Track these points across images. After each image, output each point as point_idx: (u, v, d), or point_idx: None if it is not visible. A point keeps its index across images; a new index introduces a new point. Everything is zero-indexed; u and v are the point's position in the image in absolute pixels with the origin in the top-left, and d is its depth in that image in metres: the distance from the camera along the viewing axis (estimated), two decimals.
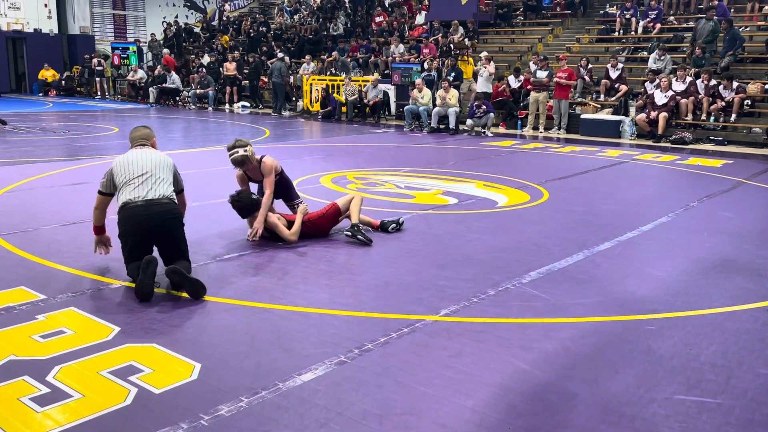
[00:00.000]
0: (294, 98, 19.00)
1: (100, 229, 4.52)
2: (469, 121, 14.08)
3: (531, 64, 15.14)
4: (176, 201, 4.31)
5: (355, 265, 4.82)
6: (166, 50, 22.76)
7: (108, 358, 3.14)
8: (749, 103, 12.85)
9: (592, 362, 3.21)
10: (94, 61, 23.65)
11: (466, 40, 16.14)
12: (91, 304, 3.84)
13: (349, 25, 22.06)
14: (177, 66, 21.59)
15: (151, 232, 4.10)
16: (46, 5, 25.35)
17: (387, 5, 22.69)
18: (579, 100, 14.80)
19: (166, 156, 4.43)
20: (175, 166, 4.45)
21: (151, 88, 20.87)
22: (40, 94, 23.80)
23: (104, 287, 4.15)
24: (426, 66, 16.22)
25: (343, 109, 16.87)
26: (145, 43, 25.02)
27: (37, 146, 11.09)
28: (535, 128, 14.32)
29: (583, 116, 14.09)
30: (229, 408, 2.70)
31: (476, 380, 3.00)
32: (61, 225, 5.69)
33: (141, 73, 22.30)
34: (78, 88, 24.58)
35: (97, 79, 23.57)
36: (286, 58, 19.40)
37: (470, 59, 16.34)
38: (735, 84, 12.79)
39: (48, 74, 24.23)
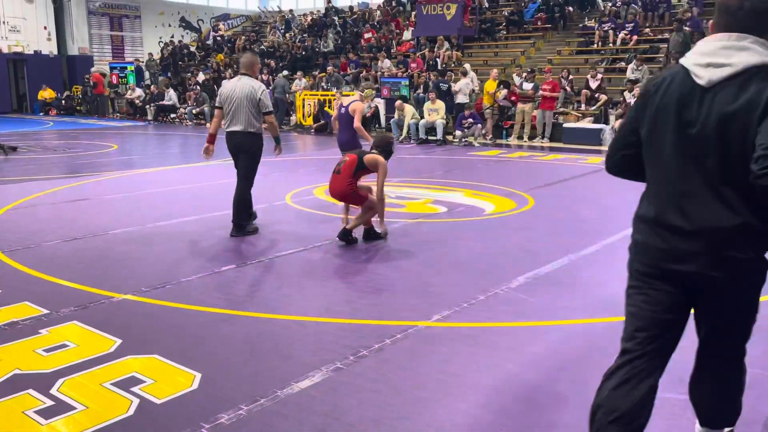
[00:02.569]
0: (289, 113, 19.23)
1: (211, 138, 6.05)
2: (457, 132, 14.25)
3: (515, 76, 15.37)
4: (253, 129, 5.78)
5: (349, 273, 4.92)
6: (94, 69, 23.24)
7: (110, 370, 3.21)
8: None
9: (580, 363, 3.32)
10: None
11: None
12: (93, 317, 3.90)
13: (338, 42, 22.33)
14: (173, 84, 21.90)
15: (233, 156, 5.95)
16: (45, 27, 25.52)
17: (375, 22, 23.01)
18: (561, 109, 15.03)
19: (251, 86, 5.70)
20: (261, 94, 5.72)
21: (148, 106, 21.11)
22: (41, 114, 23.79)
23: (106, 301, 4.22)
24: (446, 77, 16.25)
25: None
26: (143, 62, 25.20)
27: (39, 164, 11.11)
28: (520, 138, 14.54)
29: (565, 125, 14.31)
30: (229, 417, 2.77)
31: (468, 383, 3.10)
32: (63, 241, 5.75)
33: (139, 92, 22.55)
34: (78, 107, 24.61)
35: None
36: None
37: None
38: None
39: (46, 94, 24.31)
